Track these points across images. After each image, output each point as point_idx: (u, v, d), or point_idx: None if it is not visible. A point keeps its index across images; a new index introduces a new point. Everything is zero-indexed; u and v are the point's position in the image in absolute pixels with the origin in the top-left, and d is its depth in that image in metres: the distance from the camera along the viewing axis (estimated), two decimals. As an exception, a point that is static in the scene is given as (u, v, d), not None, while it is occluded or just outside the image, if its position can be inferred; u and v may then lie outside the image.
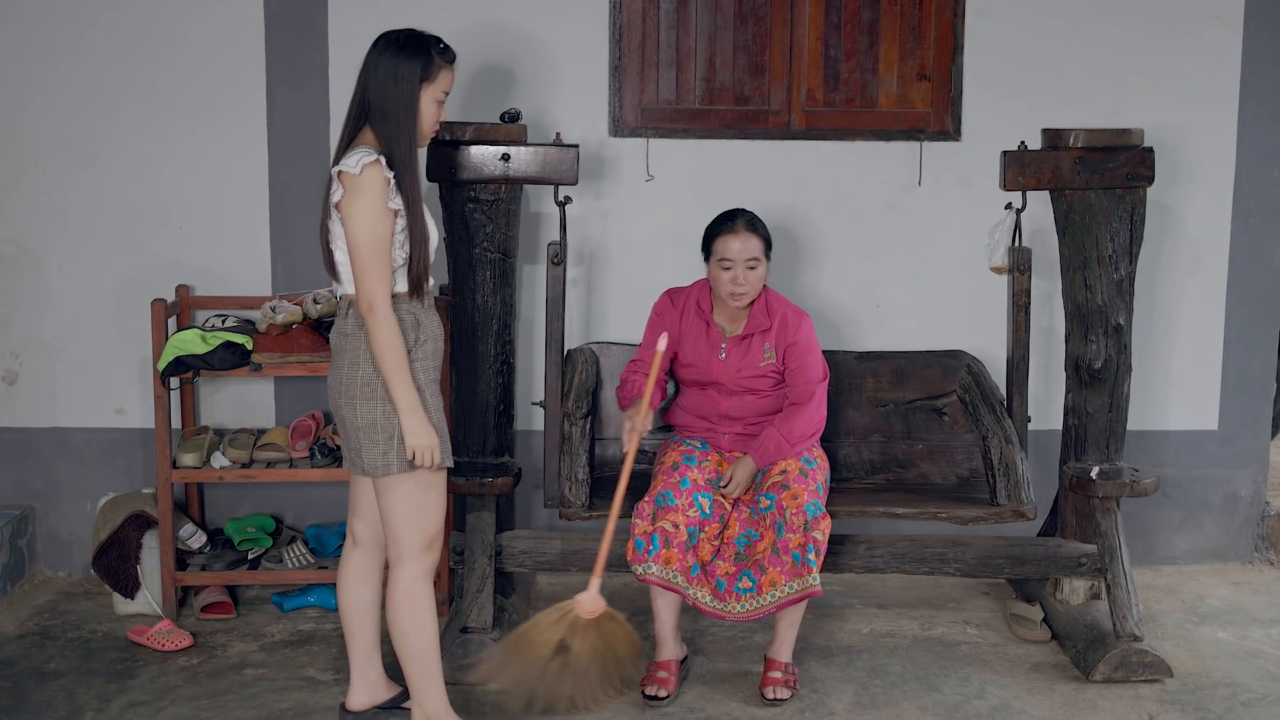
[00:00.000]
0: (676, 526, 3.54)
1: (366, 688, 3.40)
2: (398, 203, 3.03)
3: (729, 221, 3.72)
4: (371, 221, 3.00)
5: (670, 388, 3.97)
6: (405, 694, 3.39)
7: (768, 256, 3.73)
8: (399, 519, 3.16)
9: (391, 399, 3.07)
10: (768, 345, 3.74)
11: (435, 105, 3.16)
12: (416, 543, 3.18)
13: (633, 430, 3.53)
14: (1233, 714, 3.61)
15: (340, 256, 3.11)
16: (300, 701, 3.60)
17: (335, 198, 3.04)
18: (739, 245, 3.68)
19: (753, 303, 3.77)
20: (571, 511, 3.81)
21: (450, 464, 3.19)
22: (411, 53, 3.11)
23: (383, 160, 3.02)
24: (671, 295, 3.87)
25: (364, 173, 2.99)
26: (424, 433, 3.07)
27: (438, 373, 3.22)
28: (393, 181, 3.02)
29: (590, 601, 3.40)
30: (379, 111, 3.09)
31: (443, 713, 3.25)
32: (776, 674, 3.63)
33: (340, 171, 3.01)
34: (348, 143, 3.12)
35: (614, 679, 3.46)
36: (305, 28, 4.35)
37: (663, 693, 3.59)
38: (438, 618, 4.12)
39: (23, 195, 4.39)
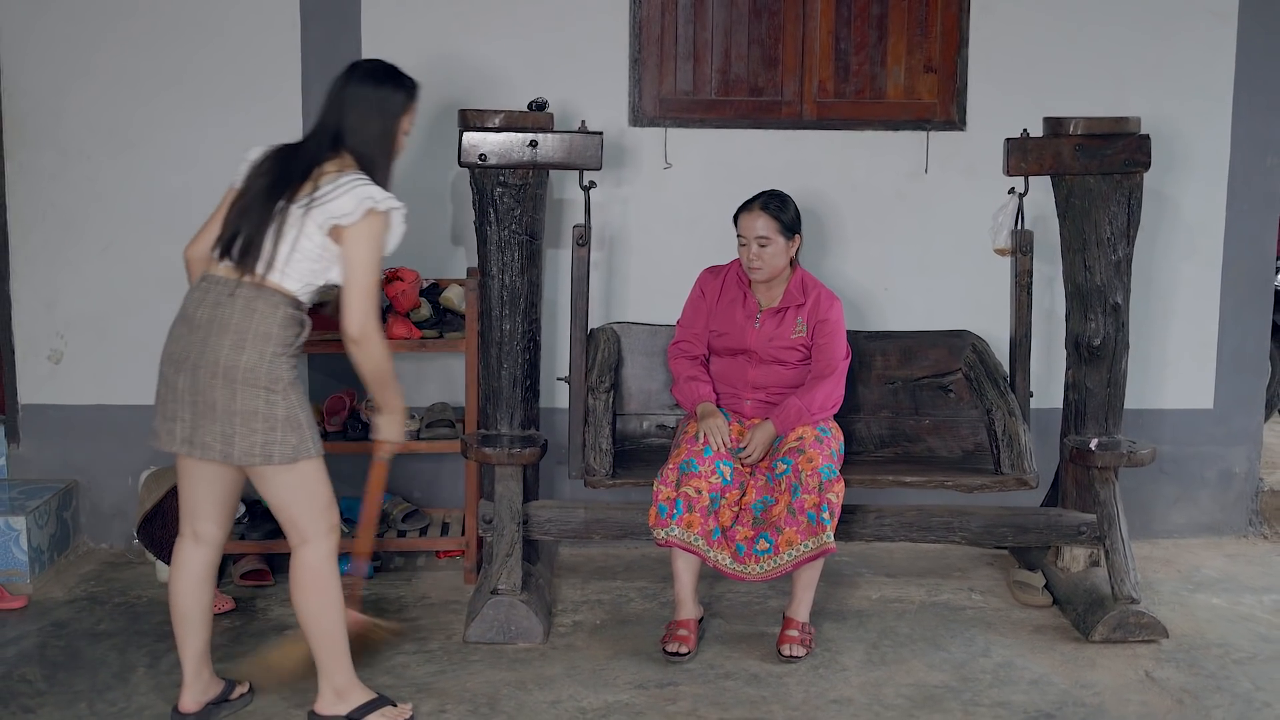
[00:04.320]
0: (699, 492, 3.74)
1: (200, 688, 3.36)
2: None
3: (751, 201, 3.98)
4: (379, 254, 3.13)
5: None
6: (232, 685, 3.45)
7: (787, 237, 3.95)
8: (296, 507, 3.18)
9: (385, 405, 3.29)
10: (800, 319, 3.97)
11: (404, 137, 3.30)
12: (320, 525, 3.20)
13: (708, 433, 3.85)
14: (1225, 671, 3.80)
15: (290, 253, 3.09)
16: (340, 659, 3.79)
17: (342, 220, 3.07)
18: (751, 223, 3.93)
19: (789, 280, 4.01)
20: (596, 479, 4.00)
21: (316, 454, 3.17)
22: (394, 86, 3.24)
23: (403, 212, 3.16)
24: (713, 270, 4.14)
25: (389, 215, 3.12)
26: (400, 432, 3.36)
27: None
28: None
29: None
30: (361, 138, 3.17)
31: (350, 685, 3.30)
32: (794, 632, 3.82)
33: (369, 210, 3.07)
34: (319, 161, 3.14)
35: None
36: (339, 23, 4.55)
37: (684, 649, 3.79)
38: (468, 584, 4.37)
39: (68, 182, 4.59)
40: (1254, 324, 4.95)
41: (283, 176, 3.14)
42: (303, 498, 3.18)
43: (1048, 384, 4.67)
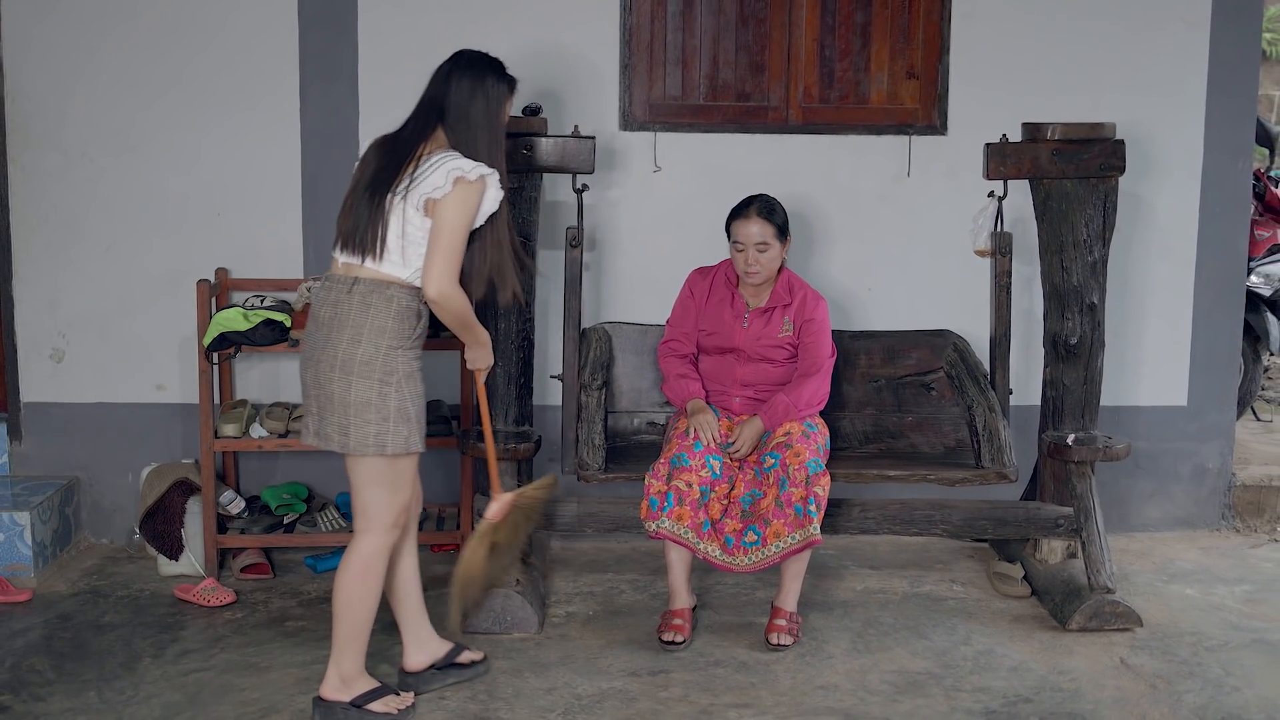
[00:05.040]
0: (690, 485, 3.86)
1: (421, 647, 3.62)
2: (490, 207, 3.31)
3: (745, 207, 4.09)
4: (467, 220, 3.26)
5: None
6: (459, 648, 3.66)
7: (782, 240, 4.07)
8: (378, 500, 3.33)
9: (476, 339, 3.47)
10: (787, 319, 4.09)
11: (505, 124, 3.46)
12: (387, 519, 3.36)
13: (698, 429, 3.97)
14: (1197, 658, 3.94)
15: (398, 240, 3.25)
16: (341, 648, 3.90)
17: (434, 194, 3.21)
18: (749, 230, 4.03)
19: (776, 280, 4.13)
20: (589, 474, 4.11)
21: (422, 449, 3.36)
22: (496, 76, 3.39)
23: (496, 176, 3.30)
24: (701, 271, 4.26)
25: (479, 181, 3.25)
26: (488, 358, 3.56)
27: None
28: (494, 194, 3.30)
29: (496, 508, 3.62)
30: (464, 120, 3.31)
31: (356, 673, 3.42)
32: (781, 621, 3.95)
33: (459, 179, 3.21)
34: (417, 144, 3.30)
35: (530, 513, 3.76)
36: (337, 27, 4.65)
37: (679, 638, 3.91)
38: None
39: (70, 184, 4.67)
40: (1226, 323, 5.09)
41: (384, 166, 3.30)
42: (386, 491, 3.34)
43: (1026, 381, 4.79)
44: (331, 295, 3.32)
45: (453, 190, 3.23)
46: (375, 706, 3.42)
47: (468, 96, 3.34)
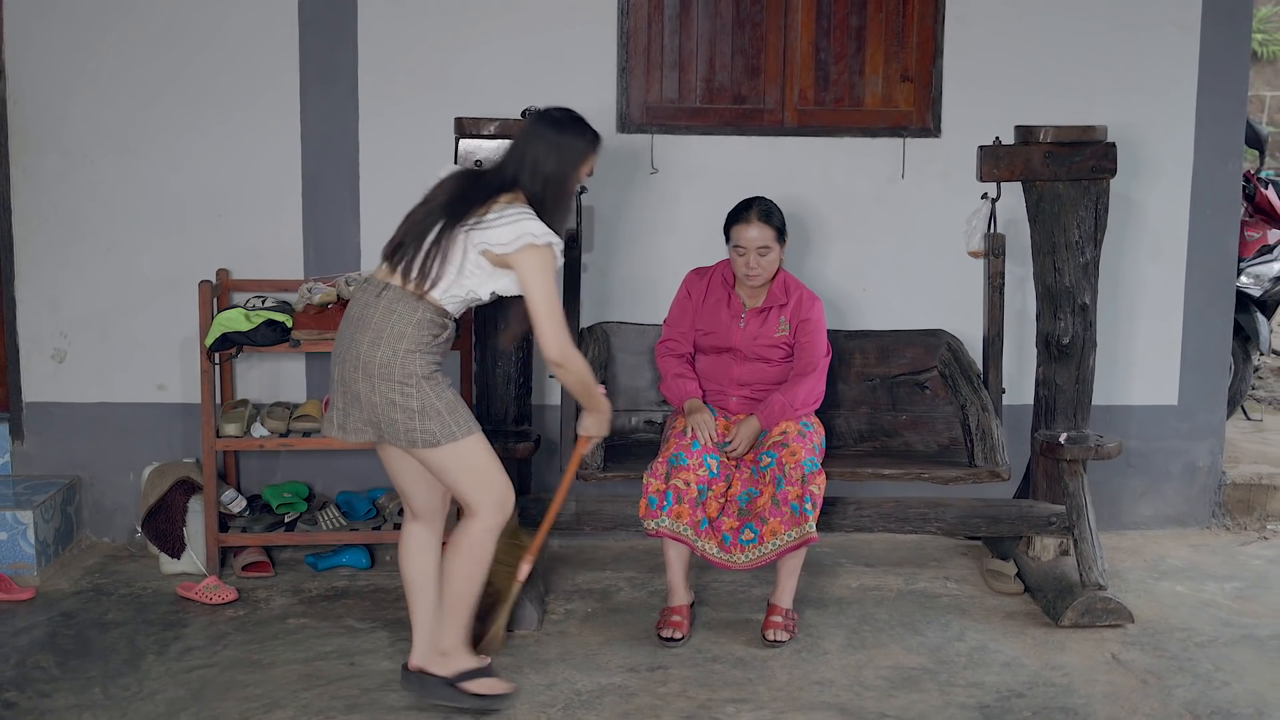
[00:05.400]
0: (688, 484, 3.91)
1: (427, 650, 3.61)
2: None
3: (744, 211, 4.13)
4: (553, 281, 3.39)
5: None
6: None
7: (781, 242, 4.13)
8: (460, 485, 3.44)
9: (591, 408, 3.61)
10: (783, 319, 4.14)
11: (578, 184, 3.57)
12: (488, 500, 3.45)
13: (694, 428, 4.03)
14: (1187, 653, 3.99)
15: (452, 271, 3.35)
16: (342, 645, 3.94)
17: (496, 248, 3.33)
18: (750, 234, 4.09)
19: (772, 281, 4.18)
20: (588, 473, 4.15)
21: (463, 433, 3.40)
22: (575, 134, 3.49)
23: (561, 245, 3.40)
24: (698, 271, 4.30)
25: (550, 248, 3.36)
26: (604, 427, 3.66)
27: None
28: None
29: (525, 570, 3.73)
30: (535, 178, 3.41)
31: (457, 649, 3.51)
32: (777, 618, 4.00)
33: (529, 244, 3.31)
34: (495, 193, 3.40)
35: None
36: (336, 28, 4.69)
37: (678, 635, 3.96)
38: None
39: (71, 185, 4.71)
40: (1217, 323, 5.14)
41: (458, 199, 3.40)
42: (464, 476, 3.43)
43: (1019, 381, 4.84)
44: (364, 297, 3.43)
45: (523, 255, 3.33)
46: (475, 686, 3.49)
47: (542, 157, 3.43)
